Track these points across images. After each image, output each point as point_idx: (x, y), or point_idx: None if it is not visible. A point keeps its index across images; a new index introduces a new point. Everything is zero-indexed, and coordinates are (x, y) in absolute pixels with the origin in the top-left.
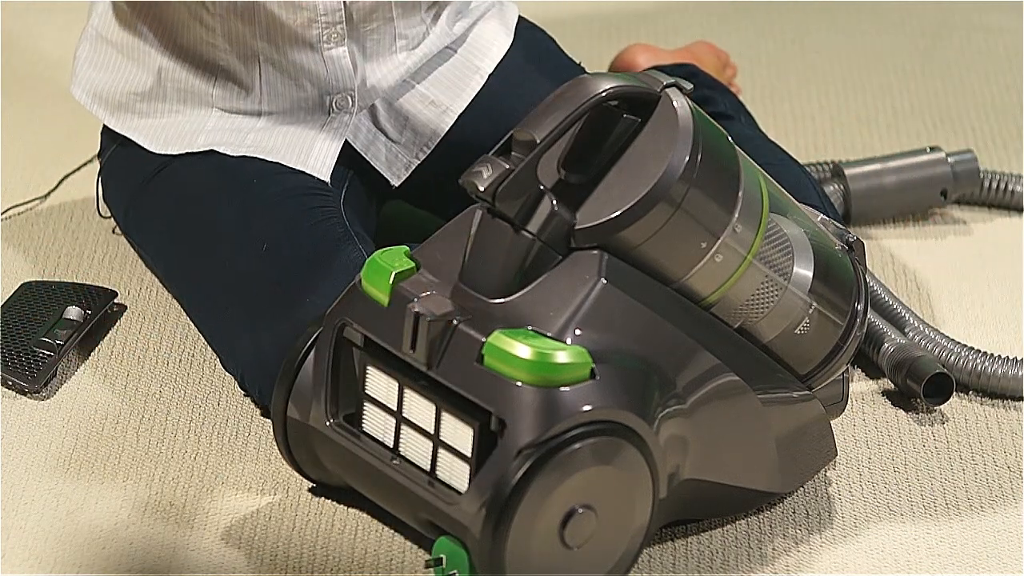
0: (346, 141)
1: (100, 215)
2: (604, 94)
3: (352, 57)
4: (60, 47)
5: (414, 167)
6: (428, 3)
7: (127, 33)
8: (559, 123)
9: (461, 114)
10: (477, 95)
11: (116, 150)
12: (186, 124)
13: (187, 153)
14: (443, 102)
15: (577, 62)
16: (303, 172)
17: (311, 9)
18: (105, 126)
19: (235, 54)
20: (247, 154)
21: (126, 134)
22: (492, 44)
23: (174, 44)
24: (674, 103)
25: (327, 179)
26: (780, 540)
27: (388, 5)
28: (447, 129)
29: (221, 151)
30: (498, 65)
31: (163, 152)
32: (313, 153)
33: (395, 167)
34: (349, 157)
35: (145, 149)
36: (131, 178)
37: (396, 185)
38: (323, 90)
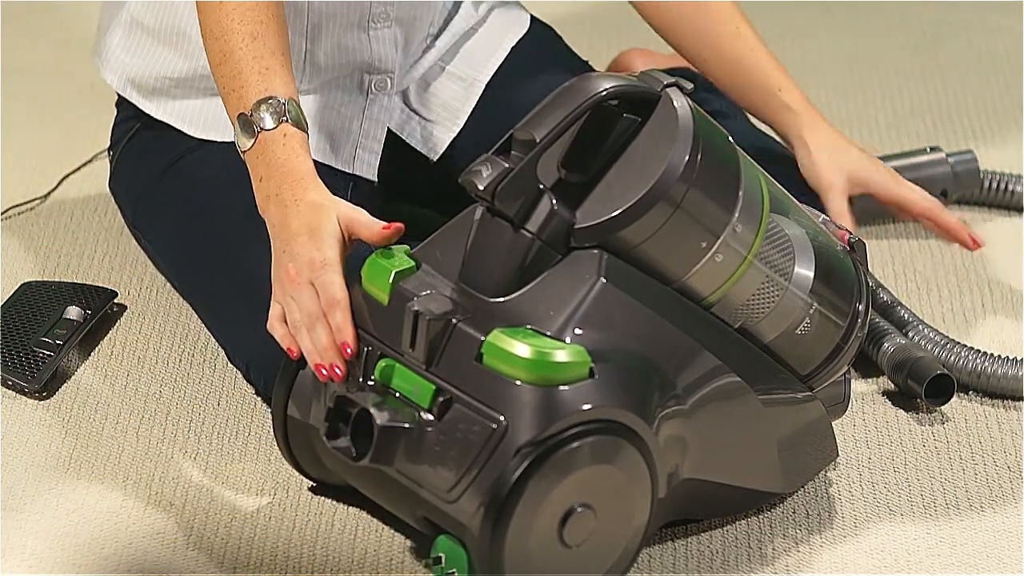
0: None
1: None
2: (604, 93)
3: (395, 38)
4: (60, 47)
5: (448, 142)
6: None
7: (164, 19)
8: (559, 122)
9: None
10: (483, 98)
11: (127, 145)
12: (221, 107)
13: (205, 142)
14: (470, 75)
15: (584, 60)
16: (322, 163)
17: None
18: (116, 120)
19: None
20: None
21: (163, 119)
22: (515, 22)
23: None
24: (674, 102)
25: (374, 177)
26: (780, 540)
27: None
28: (476, 100)
29: None
30: (504, 64)
31: (202, 137)
32: (357, 151)
33: (430, 143)
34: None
35: (158, 142)
36: (143, 171)
37: (435, 160)
38: (364, 70)
